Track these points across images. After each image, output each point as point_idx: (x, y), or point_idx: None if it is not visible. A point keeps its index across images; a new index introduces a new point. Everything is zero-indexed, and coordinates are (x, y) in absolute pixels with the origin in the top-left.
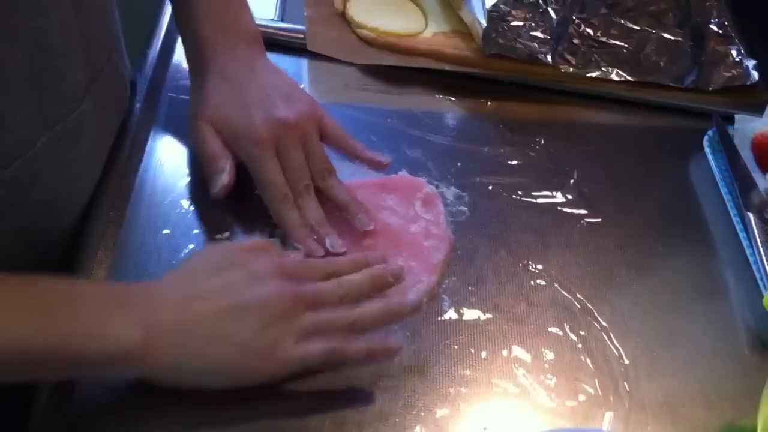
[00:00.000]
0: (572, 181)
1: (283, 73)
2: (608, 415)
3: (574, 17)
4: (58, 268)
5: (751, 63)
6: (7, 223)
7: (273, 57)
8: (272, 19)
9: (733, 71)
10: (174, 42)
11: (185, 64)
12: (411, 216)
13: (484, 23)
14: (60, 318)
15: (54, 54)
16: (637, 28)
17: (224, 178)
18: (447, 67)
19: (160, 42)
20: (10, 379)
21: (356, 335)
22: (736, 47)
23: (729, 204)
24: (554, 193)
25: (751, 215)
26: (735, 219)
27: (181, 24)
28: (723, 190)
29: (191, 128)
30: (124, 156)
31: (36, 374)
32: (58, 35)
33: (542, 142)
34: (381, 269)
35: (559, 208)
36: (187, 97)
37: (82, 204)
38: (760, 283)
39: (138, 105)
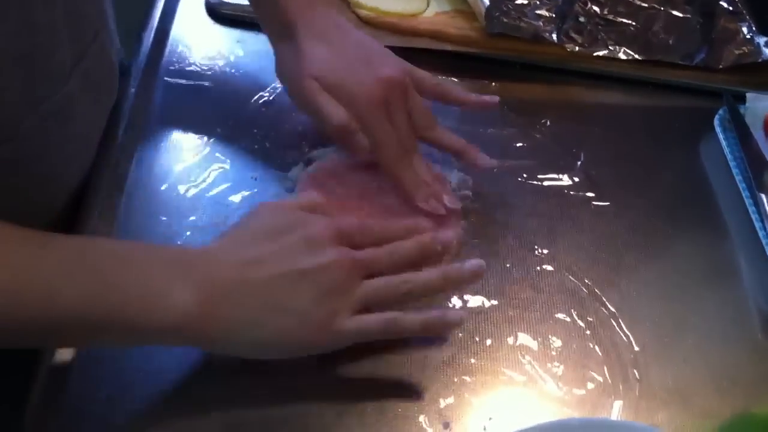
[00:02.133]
0: (579, 163)
1: (362, 32)
2: (618, 404)
3: None
4: None
5: (762, 40)
6: None
7: (266, 39)
8: None
9: (744, 48)
10: (170, 25)
11: (181, 48)
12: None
13: (486, 2)
14: (116, 284)
15: (39, 30)
16: (645, 5)
17: (363, 138)
18: (449, 48)
19: (155, 25)
20: (68, 345)
21: (413, 305)
22: (746, 24)
23: (741, 185)
24: (561, 176)
25: (763, 196)
26: (747, 200)
27: None
28: (734, 171)
29: (299, 90)
30: (118, 141)
31: (93, 341)
32: (42, 10)
33: (548, 123)
34: (431, 237)
35: (566, 191)
36: (183, 81)
37: (74, 189)
38: None
39: (133, 90)
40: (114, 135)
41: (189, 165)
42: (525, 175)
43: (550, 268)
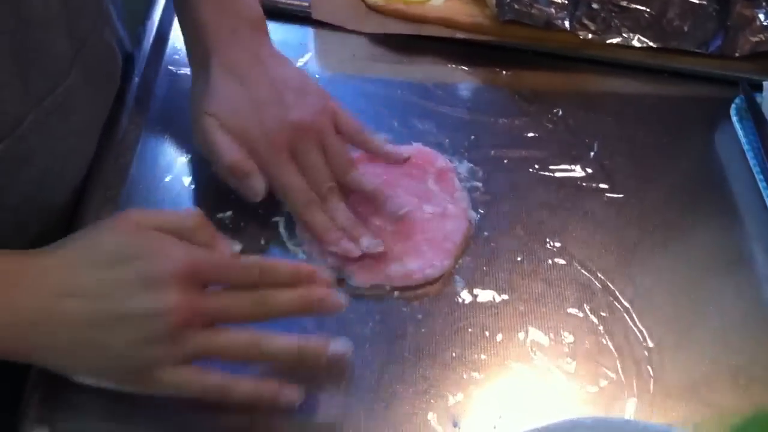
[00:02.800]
0: (592, 153)
1: (290, 62)
2: (632, 402)
3: None
4: None
5: None
6: None
7: (276, 27)
8: None
9: (761, 36)
10: (173, 14)
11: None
12: (426, 193)
13: None
14: None
15: (36, 25)
16: None
17: (260, 180)
18: (460, 35)
19: (159, 14)
20: None
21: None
22: (763, 10)
23: (758, 176)
24: (573, 167)
25: None
26: (764, 191)
27: (179, 5)
28: (751, 162)
29: (197, 126)
30: (120, 132)
31: None
32: (39, 4)
33: (560, 113)
34: (322, 294)
35: (579, 182)
36: (187, 71)
37: (76, 182)
38: None
39: (136, 79)
40: (117, 125)
41: (194, 156)
42: (537, 166)
43: (562, 261)
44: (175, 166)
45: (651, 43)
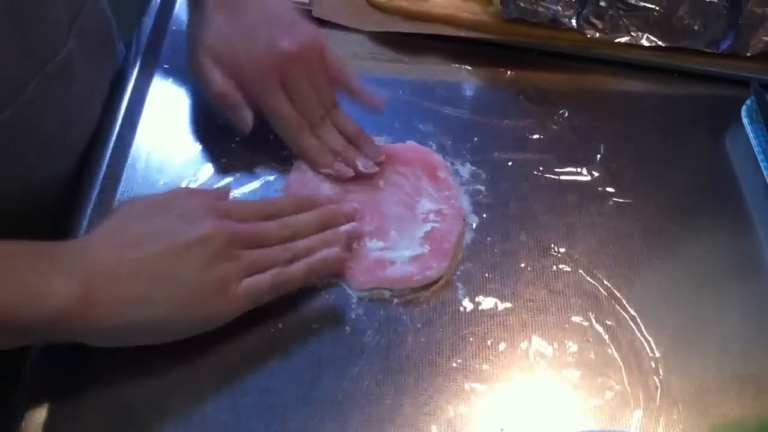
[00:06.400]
0: (599, 156)
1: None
2: (637, 414)
3: None
4: (54, 220)
5: None
6: (4, 170)
7: None
8: None
9: None
10: (171, 9)
11: (181, 37)
12: (420, 192)
13: None
14: None
15: None
16: None
17: (247, 111)
18: (463, 34)
19: (155, 10)
20: None
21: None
22: None
23: None
24: (579, 170)
25: None
26: None
27: None
28: (762, 164)
29: (191, 62)
30: (122, 108)
31: None
32: None
33: (566, 114)
34: (332, 209)
35: (585, 186)
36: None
37: (79, 151)
38: None
39: (132, 77)
40: (116, 101)
41: (189, 158)
42: (541, 169)
43: (567, 268)
44: (170, 169)
45: (660, 42)
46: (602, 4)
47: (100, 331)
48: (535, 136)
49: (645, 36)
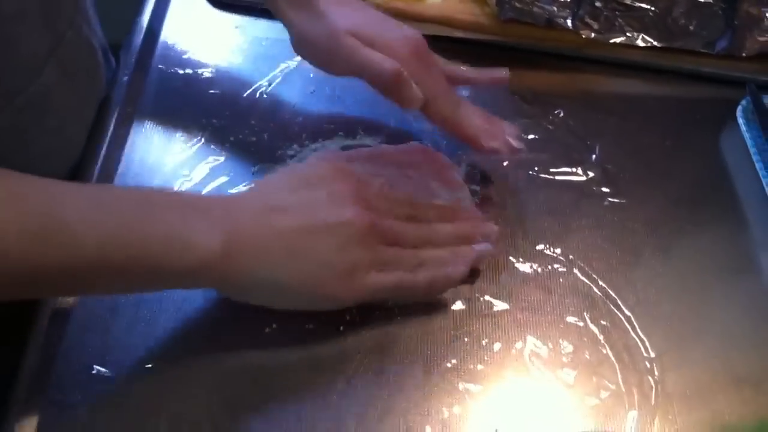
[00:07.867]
0: (594, 156)
1: None
2: (632, 414)
3: None
4: None
5: None
6: None
7: (274, 25)
8: None
9: None
10: (164, 11)
11: (176, 34)
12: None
13: None
14: (137, 228)
15: (6, 20)
16: None
17: (417, 88)
18: (458, 34)
19: (150, 10)
20: (91, 291)
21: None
22: None
23: (764, 179)
24: (575, 170)
25: None
26: None
27: None
28: (757, 165)
29: (335, 48)
30: (108, 134)
31: (113, 287)
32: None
33: (561, 114)
34: (472, 227)
35: (580, 186)
36: (179, 70)
37: (61, 177)
38: None
39: (125, 79)
40: (104, 127)
41: (183, 158)
42: (537, 169)
43: (562, 268)
44: (164, 169)
45: (655, 43)
46: (598, 4)
47: (229, 285)
48: (531, 136)
49: (640, 36)
